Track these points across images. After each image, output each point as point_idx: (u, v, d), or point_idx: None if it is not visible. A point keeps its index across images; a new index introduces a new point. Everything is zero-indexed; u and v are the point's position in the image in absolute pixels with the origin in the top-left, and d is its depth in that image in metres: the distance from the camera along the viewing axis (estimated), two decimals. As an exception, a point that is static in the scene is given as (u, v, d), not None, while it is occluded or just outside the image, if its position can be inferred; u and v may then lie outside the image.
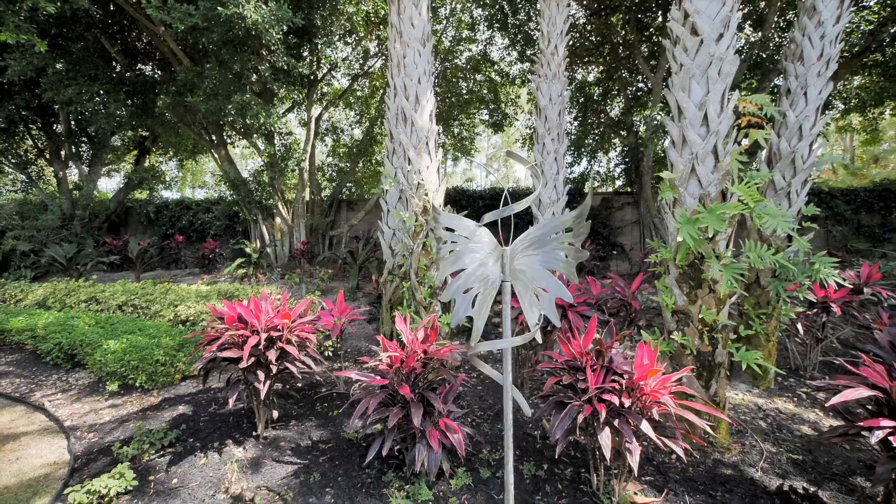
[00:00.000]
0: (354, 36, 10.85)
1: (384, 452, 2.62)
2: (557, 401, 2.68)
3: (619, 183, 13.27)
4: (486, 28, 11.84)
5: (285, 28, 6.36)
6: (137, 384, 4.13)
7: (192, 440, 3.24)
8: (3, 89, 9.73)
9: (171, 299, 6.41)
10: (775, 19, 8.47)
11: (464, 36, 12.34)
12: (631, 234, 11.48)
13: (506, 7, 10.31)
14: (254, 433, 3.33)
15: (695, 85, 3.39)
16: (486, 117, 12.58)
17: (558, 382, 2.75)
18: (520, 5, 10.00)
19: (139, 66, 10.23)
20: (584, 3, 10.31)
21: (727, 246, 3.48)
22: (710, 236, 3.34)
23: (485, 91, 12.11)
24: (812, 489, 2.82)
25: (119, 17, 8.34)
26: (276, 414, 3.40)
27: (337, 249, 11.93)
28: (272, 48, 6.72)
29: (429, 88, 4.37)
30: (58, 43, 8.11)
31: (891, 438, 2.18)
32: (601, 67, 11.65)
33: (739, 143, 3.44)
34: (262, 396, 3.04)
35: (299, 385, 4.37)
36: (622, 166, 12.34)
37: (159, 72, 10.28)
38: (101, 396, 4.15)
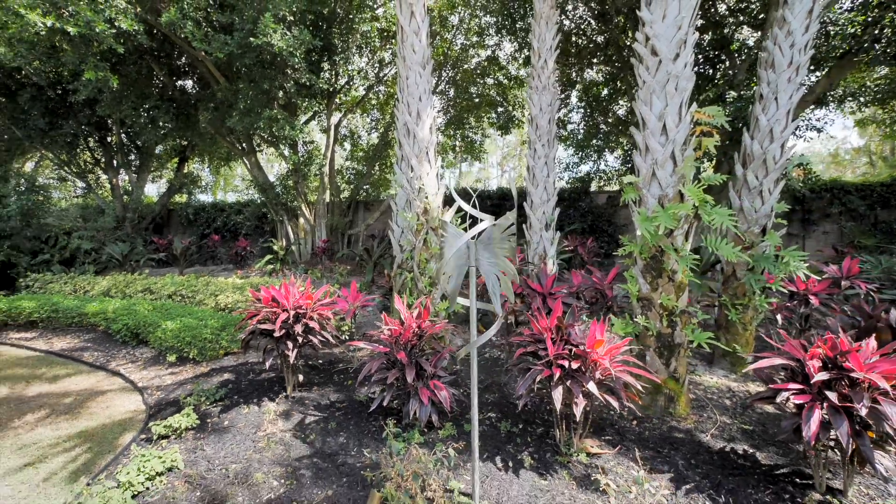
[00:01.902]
0: (370, 48, 11.60)
1: (384, 404, 3.31)
2: (524, 367, 3.29)
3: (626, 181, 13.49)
4: (494, 33, 12.35)
5: (306, 50, 7.16)
6: (190, 356, 5.01)
7: (236, 397, 4.04)
8: (68, 109, 11.03)
9: (211, 290, 7.34)
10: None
11: (473, 41, 12.89)
12: (636, 231, 11.74)
13: (514, 13, 10.81)
14: (284, 394, 4.10)
15: (655, 99, 3.89)
16: (495, 119, 13.10)
17: (525, 353, 3.36)
18: (527, 12, 10.48)
19: (181, 83, 11.33)
20: (591, 5, 10.69)
21: (686, 240, 3.98)
22: (669, 232, 3.85)
23: (493, 94, 12.64)
24: (751, 451, 3.31)
25: (166, 45, 9.39)
26: (301, 378, 4.16)
27: (355, 247, 12.76)
28: (296, 67, 7.54)
29: (429, 105, 5.01)
30: (116, 68, 9.23)
31: (793, 398, 2.68)
32: (607, 68, 11.98)
33: (696, 150, 3.91)
34: (291, 362, 3.79)
35: (320, 362, 5.13)
36: (629, 164, 12.58)
37: (198, 87, 11.35)
38: (162, 366, 5.05)
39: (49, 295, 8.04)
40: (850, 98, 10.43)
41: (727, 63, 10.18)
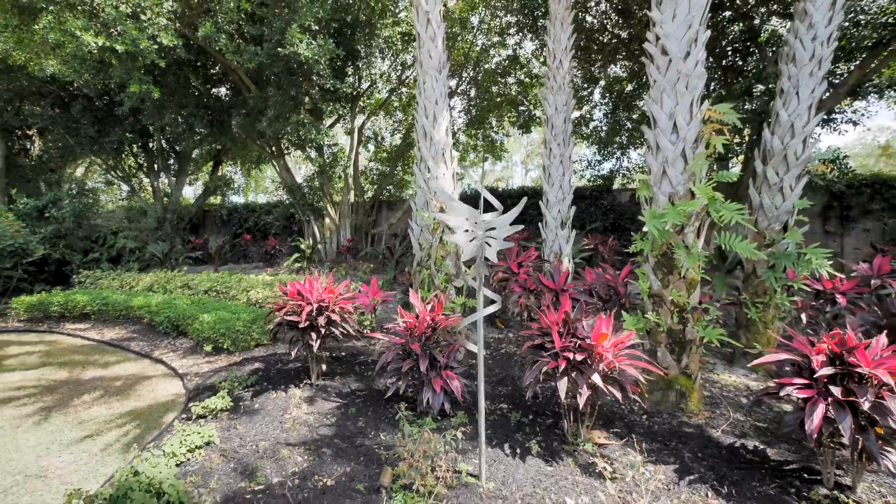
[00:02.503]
0: (392, 52, 11.89)
1: (400, 392, 3.52)
2: (532, 359, 3.43)
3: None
4: (515, 32, 12.40)
5: (330, 58, 7.50)
6: (225, 347, 5.40)
7: (265, 383, 4.37)
8: (115, 118, 11.87)
9: (243, 286, 7.79)
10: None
11: (494, 41, 12.97)
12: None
13: (535, 11, 10.83)
14: (308, 381, 4.39)
15: (665, 98, 3.94)
16: (515, 118, 13.15)
17: (534, 345, 3.49)
18: (547, 10, 10.50)
19: (215, 91, 11.98)
20: (613, 2, 10.60)
21: (698, 237, 3.99)
22: (680, 229, 3.88)
23: (514, 93, 12.69)
24: (762, 447, 3.33)
25: (202, 56, 9.99)
26: (324, 367, 4.44)
27: (378, 246, 13.11)
28: (321, 74, 7.90)
29: (444, 108, 5.19)
30: (157, 80, 9.91)
31: (796, 392, 2.71)
32: (631, 64, 11.82)
33: (707, 148, 3.92)
34: (314, 351, 4.06)
35: (343, 354, 5.41)
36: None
37: (231, 95, 11.97)
38: (200, 355, 5.47)
39: (99, 290, 8.73)
40: (892, 88, 9.90)
41: (757, 55, 9.88)
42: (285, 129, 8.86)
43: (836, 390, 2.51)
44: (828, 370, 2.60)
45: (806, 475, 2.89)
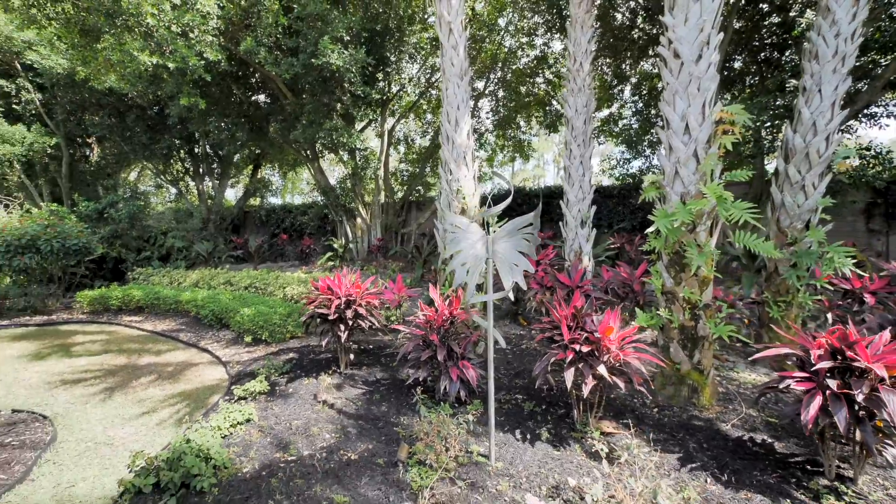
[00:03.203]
0: (421, 56, 12.24)
1: (419, 379, 3.81)
2: (544, 350, 3.63)
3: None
4: (543, 32, 12.48)
5: (361, 66, 7.94)
6: (263, 338, 5.88)
7: (298, 371, 4.77)
8: (165, 125, 12.85)
9: (280, 283, 8.34)
10: None
11: (522, 42, 13.09)
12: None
13: (563, 10, 10.88)
14: (337, 370, 4.76)
15: (678, 100, 4.03)
16: (542, 118, 13.20)
17: (545, 338, 3.70)
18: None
19: (255, 98, 12.73)
20: (640, 2, 10.51)
21: (711, 236, 4.06)
22: (692, 227, 3.97)
23: (541, 93, 12.75)
24: (770, 441, 3.39)
25: (243, 67, 10.69)
26: (352, 357, 4.80)
27: (407, 245, 13.50)
28: (352, 81, 8.34)
29: (466, 113, 5.45)
30: (203, 91, 10.70)
31: (795, 385, 2.80)
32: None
33: (719, 148, 3.98)
34: (342, 342, 4.42)
35: (370, 346, 5.77)
36: None
37: (269, 102, 12.68)
38: (240, 346, 5.98)
39: (151, 286, 9.55)
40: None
41: (793, 48, 9.56)
42: (319, 133, 9.40)
43: (832, 383, 2.59)
44: (826, 363, 2.68)
45: (809, 467, 2.96)
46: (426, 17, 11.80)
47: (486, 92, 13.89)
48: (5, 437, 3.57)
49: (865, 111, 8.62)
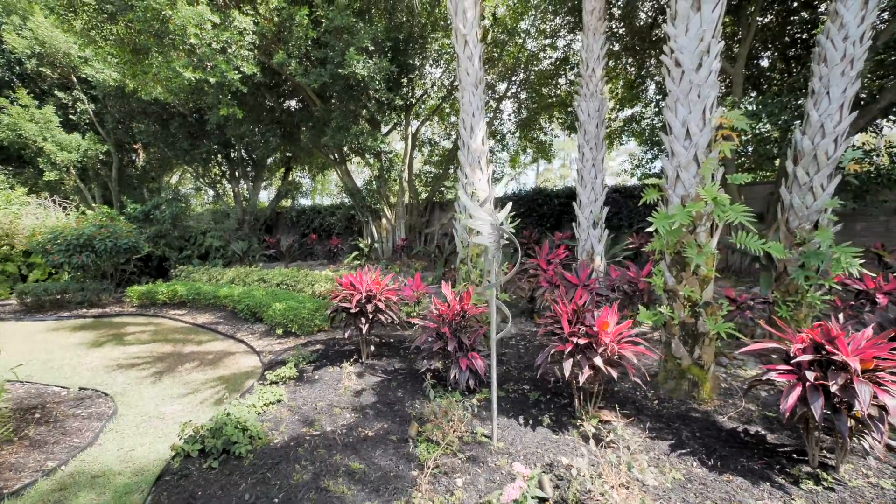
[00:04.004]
0: (444, 60, 12.60)
1: (431, 368, 4.17)
2: (544, 344, 3.91)
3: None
4: (567, 33, 12.57)
5: (385, 75, 8.40)
6: (293, 331, 6.40)
7: (324, 360, 5.23)
8: (204, 132, 13.76)
9: (309, 280, 8.90)
10: None
11: (545, 44, 13.24)
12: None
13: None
14: (359, 360, 5.18)
15: (679, 106, 4.21)
16: (564, 118, 13.30)
17: (547, 331, 3.98)
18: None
19: (286, 104, 13.45)
20: (661, 3, 10.51)
21: (711, 236, 4.22)
22: (693, 228, 4.15)
23: (563, 94, 12.86)
24: (763, 432, 3.55)
25: (276, 77, 11.37)
26: (373, 349, 5.22)
27: (430, 245, 13.90)
28: (376, 88, 8.79)
29: (480, 120, 5.76)
30: (240, 101, 11.46)
31: (777, 376, 2.98)
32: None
33: (719, 153, 4.13)
34: (364, 333, 4.84)
35: (391, 340, 6.18)
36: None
37: (300, 108, 13.36)
38: (273, 337, 6.52)
39: (192, 282, 10.33)
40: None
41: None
42: (346, 138, 9.93)
43: (810, 375, 2.77)
44: (807, 357, 2.85)
45: (795, 456, 3.12)
46: (448, 24, 12.14)
47: (509, 94, 14.11)
48: (76, 409, 4.16)
49: (894, 109, 8.35)
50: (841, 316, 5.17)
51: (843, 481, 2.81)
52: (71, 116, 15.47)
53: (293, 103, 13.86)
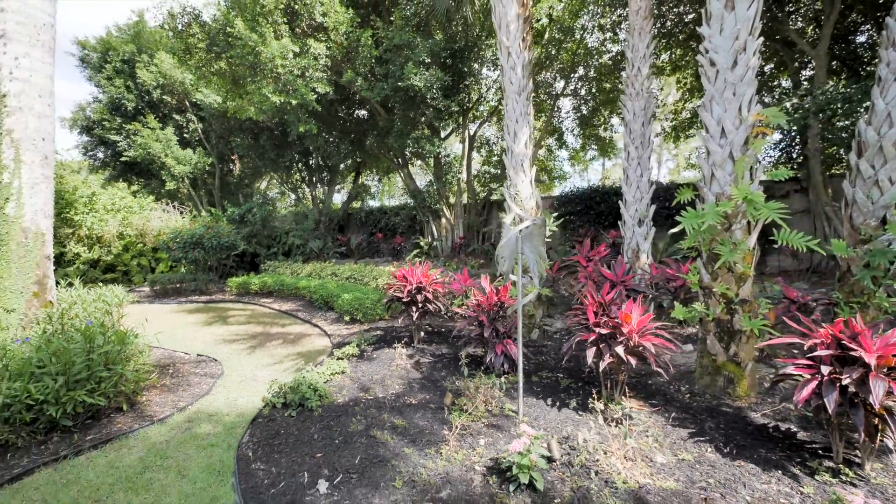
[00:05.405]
0: (499, 66, 12.94)
1: (469, 352, 4.69)
2: (575, 333, 4.24)
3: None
4: (626, 26, 12.26)
5: (441, 84, 9.07)
6: (358, 318, 7.29)
7: (382, 343, 6.00)
8: (287, 144, 15.56)
9: (373, 275, 9.85)
10: None
11: (606, 37, 13.00)
12: (799, 226, 10.27)
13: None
14: (411, 344, 5.87)
15: (714, 105, 4.28)
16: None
17: (575, 322, 4.30)
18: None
19: (355, 114, 14.72)
20: None
21: (749, 234, 4.22)
22: (728, 226, 4.19)
23: (623, 88, 12.55)
24: (795, 430, 3.57)
25: (345, 92, 12.60)
26: (423, 335, 5.87)
27: (488, 243, 14.33)
28: (433, 97, 9.48)
29: (524, 125, 6.12)
30: (316, 116, 12.90)
31: (794, 369, 3.06)
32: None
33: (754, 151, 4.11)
34: (415, 321, 5.49)
35: (442, 329, 6.79)
36: (782, 151, 10.96)
37: (367, 117, 14.56)
38: (341, 323, 7.48)
39: (277, 275, 11.86)
40: None
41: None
42: (407, 143, 10.79)
43: (825, 369, 2.85)
44: (826, 352, 2.92)
45: (822, 452, 3.16)
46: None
47: (567, 91, 14.07)
48: (195, 369, 5.33)
49: None
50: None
51: (865, 477, 2.84)
52: (185, 135, 18.28)
53: (362, 112, 15.12)
